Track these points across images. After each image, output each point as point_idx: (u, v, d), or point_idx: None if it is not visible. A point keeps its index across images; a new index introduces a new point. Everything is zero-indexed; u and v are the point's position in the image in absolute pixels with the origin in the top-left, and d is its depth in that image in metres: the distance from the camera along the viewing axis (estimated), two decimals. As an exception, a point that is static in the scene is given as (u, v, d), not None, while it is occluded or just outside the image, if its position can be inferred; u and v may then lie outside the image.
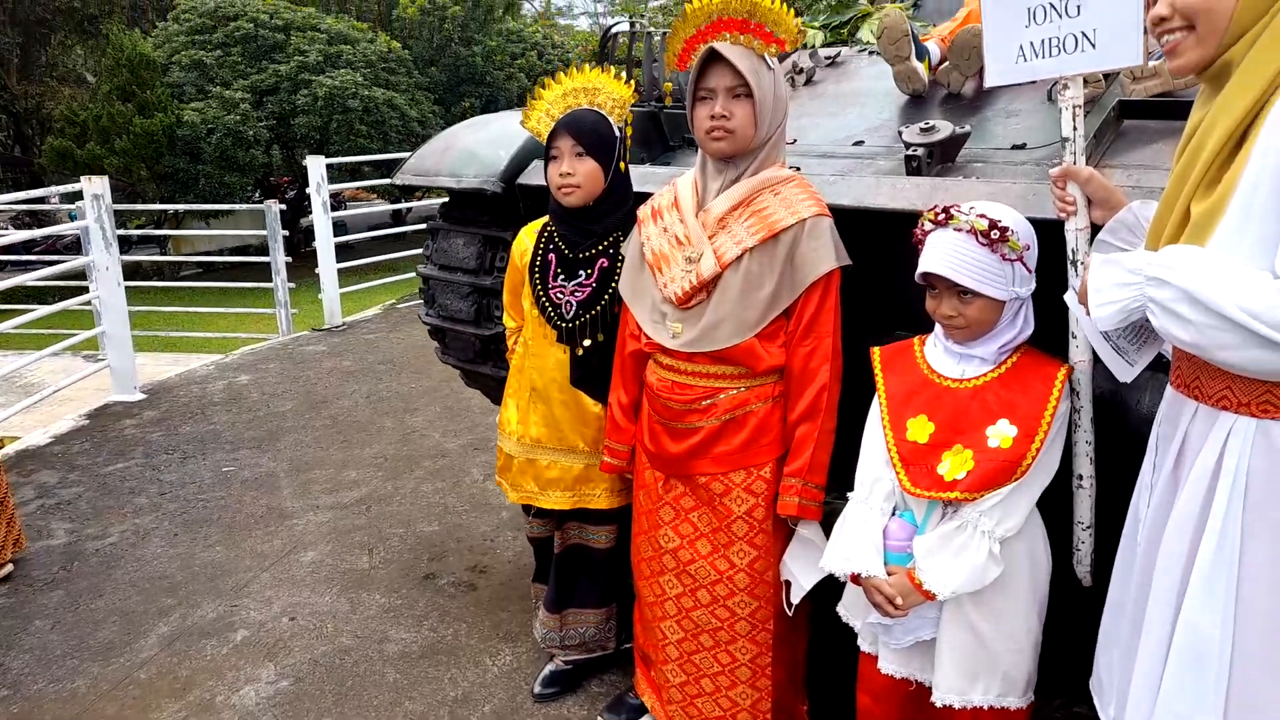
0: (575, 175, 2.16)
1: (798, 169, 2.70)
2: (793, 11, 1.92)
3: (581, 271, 2.25)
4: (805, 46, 3.51)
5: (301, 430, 4.82)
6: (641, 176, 2.46)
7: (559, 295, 2.27)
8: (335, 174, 13.72)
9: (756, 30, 1.92)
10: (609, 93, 2.25)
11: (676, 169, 2.56)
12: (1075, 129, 1.66)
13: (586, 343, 2.26)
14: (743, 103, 1.90)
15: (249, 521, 3.74)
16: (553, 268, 2.29)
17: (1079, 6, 1.58)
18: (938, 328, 1.81)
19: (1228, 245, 1.23)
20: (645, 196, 2.23)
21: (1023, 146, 2.41)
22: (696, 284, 1.95)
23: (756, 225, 1.93)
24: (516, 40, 16.07)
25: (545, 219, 2.37)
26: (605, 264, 2.24)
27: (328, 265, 7.06)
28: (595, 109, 2.23)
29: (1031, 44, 1.66)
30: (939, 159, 2.43)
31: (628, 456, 2.24)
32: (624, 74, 3.15)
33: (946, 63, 2.74)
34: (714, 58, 1.91)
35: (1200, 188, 1.31)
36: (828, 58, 3.29)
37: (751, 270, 1.92)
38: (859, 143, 2.75)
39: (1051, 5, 1.61)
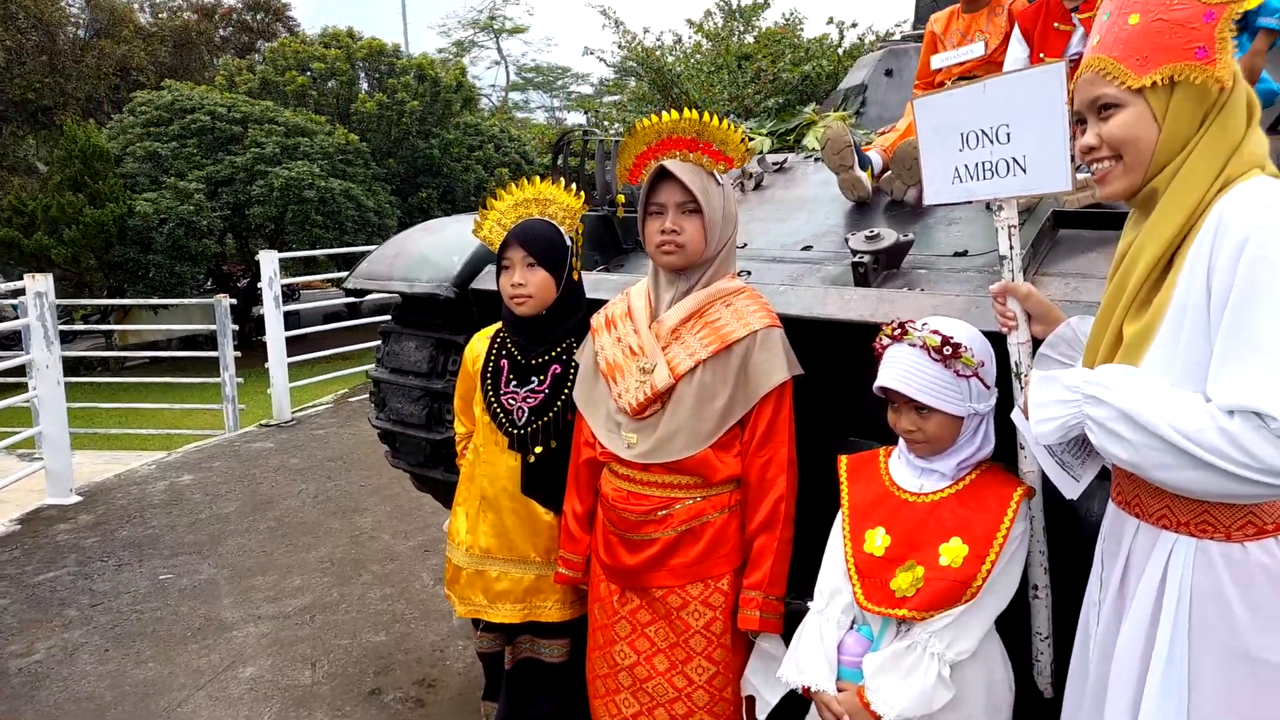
0: (527, 285, 2.17)
1: (748, 273, 2.76)
2: (740, 130, 1.98)
3: (534, 378, 2.24)
4: (754, 153, 3.62)
5: (245, 533, 4.65)
6: (594, 283, 2.48)
7: (511, 401, 2.25)
8: (290, 265, 13.68)
9: (705, 148, 1.97)
10: (560, 203, 2.28)
11: (629, 276, 2.59)
12: (1012, 247, 1.72)
13: (538, 450, 2.23)
14: (692, 218, 1.93)
15: (185, 634, 3.56)
16: (505, 374, 2.28)
17: (1009, 134, 1.65)
18: (901, 440, 1.82)
19: (1159, 367, 1.28)
20: (599, 303, 2.24)
21: (964, 254, 2.48)
22: (651, 395, 1.95)
23: (709, 337, 1.94)
24: (474, 133, 16.37)
25: (499, 325, 2.36)
26: (558, 370, 2.23)
27: (278, 360, 6.96)
28: (547, 219, 2.26)
29: (966, 167, 1.72)
30: (885, 265, 2.50)
31: (582, 567, 2.19)
32: (576, 180, 3.21)
33: (889, 172, 2.84)
34: (664, 174, 1.95)
35: (1132, 309, 1.36)
36: (776, 163, 3.39)
37: (705, 382, 1.93)
38: (807, 247, 2.81)
39: (983, 131, 1.68)
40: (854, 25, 12.37)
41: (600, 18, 12.67)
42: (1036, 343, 1.70)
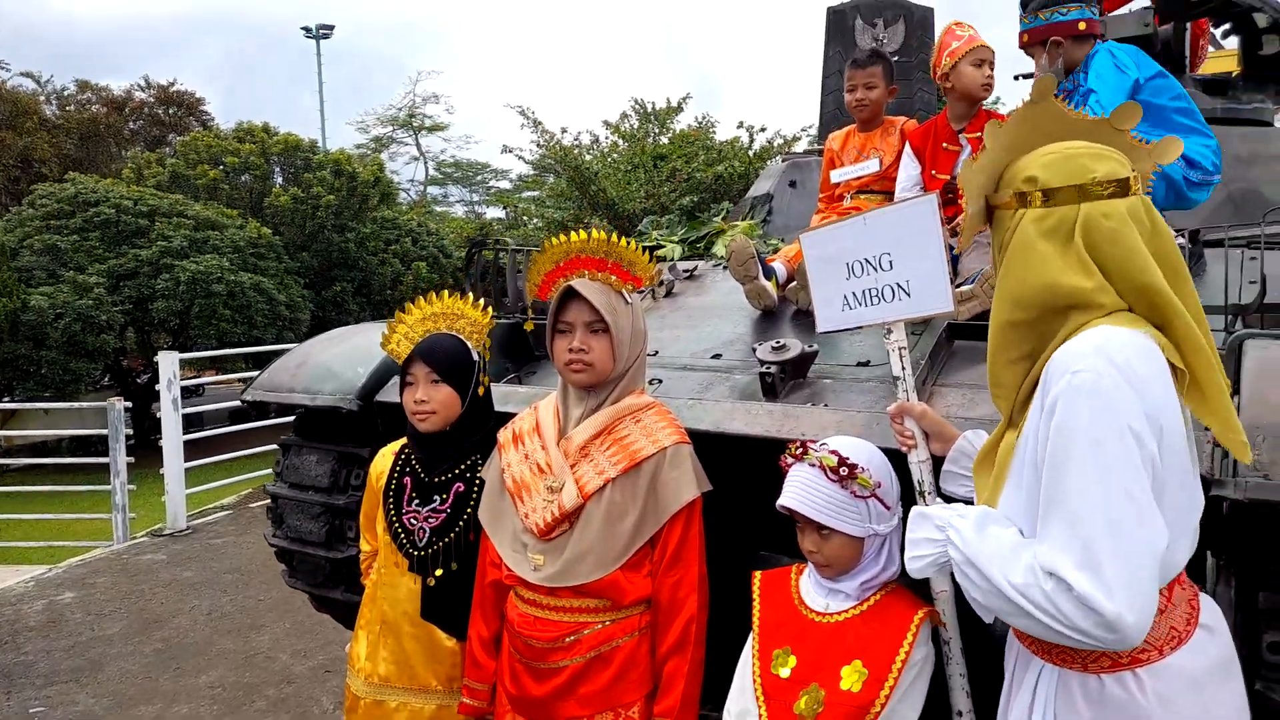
0: (430, 402, 2.13)
1: (660, 381, 2.77)
2: (648, 254, 2.01)
3: (436, 496, 2.17)
4: (665, 260, 3.69)
5: (128, 657, 4.32)
6: (503, 395, 2.45)
7: (412, 521, 2.17)
8: (195, 360, 13.19)
9: (613, 268, 1.99)
10: (469, 318, 2.26)
11: (539, 388, 2.57)
12: (904, 368, 1.77)
13: (439, 572, 2.15)
14: (600, 337, 1.94)
15: (54, 777, 3.25)
16: (407, 492, 2.20)
17: (891, 262, 1.71)
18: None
19: (1010, 503, 1.35)
20: (507, 416, 2.20)
21: (867, 364, 2.54)
22: (558, 515, 1.91)
23: (618, 454, 1.92)
24: (391, 227, 16.33)
25: (405, 440, 2.30)
26: (461, 489, 2.17)
27: (174, 468, 6.63)
28: (454, 334, 2.23)
29: (855, 294, 1.78)
30: (791, 375, 2.54)
31: (488, 696, 2.09)
32: (489, 286, 3.21)
33: (794, 282, 2.92)
34: (572, 293, 1.96)
35: (1004, 433, 1.42)
36: (686, 271, 3.46)
37: (614, 500, 1.90)
38: (717, 355, 2.85)
39: (867, 260, 1.74)
40: (763, 129, 12.92)
41: (519, 117, 12.90)
42: (938, 460, 1.73)
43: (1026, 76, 4.40)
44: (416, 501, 2.17)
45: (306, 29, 27.02)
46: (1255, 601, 1.54)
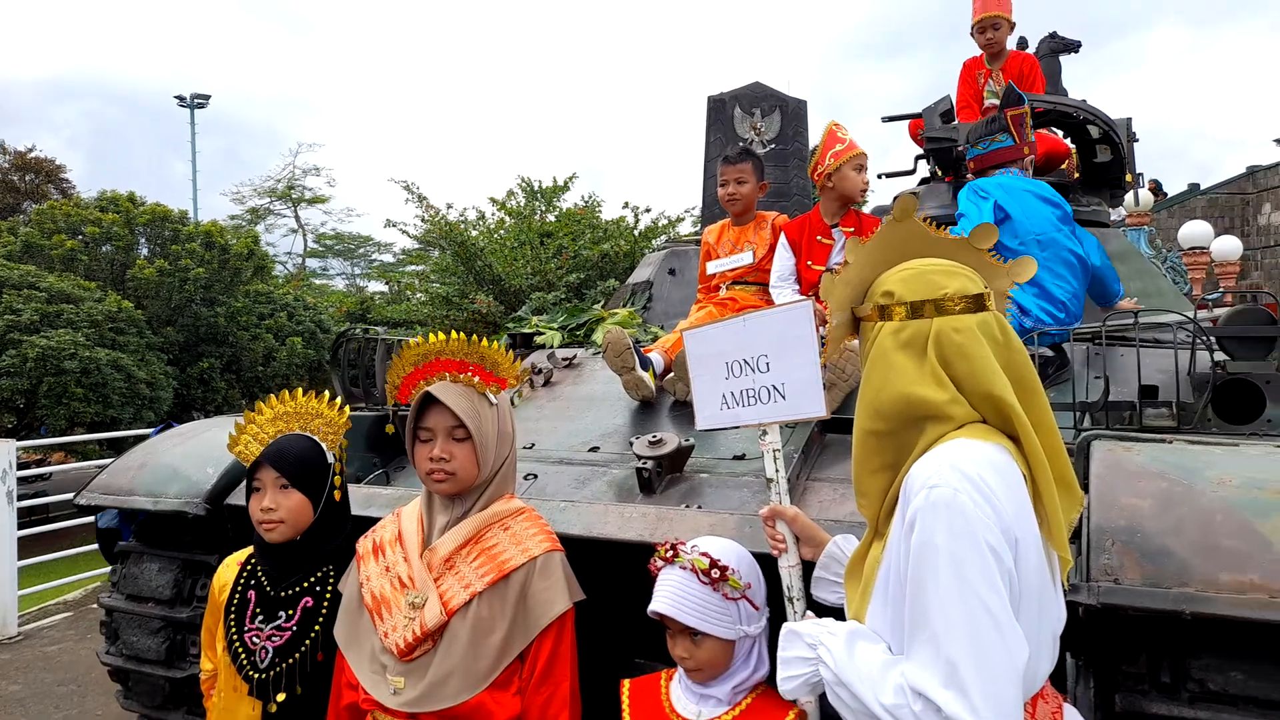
0: (278, 510, 1.98)
1: (535, 476, 2.69)
2: (512, 354, 1.95)
3: (282, 612, 2.00)
4: (544, 347, 3.65)
5: (-66, 792, 3.81)
6: (365, 498, 2.32)
7: (254, 640, 1.99)
8: (38, 445, 12.18)
9: (476, 370, 1.92)
10: (325, 418, 2.13)
11: (405, 490, 2.45)
12: (777, 470, 1.76)
13: (281, 697, 1.96)
14: (463, 443, 1.85)
15: None
16: (251, 607, 2.03)
17: (768, 364, 1.72)
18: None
19: (877, 618, 1.34)
20: (370, 522, 2.08)
21: (742, 457, 2.55)
22: (420, 634, 1.78)
23: (486, 566, 1.83)
24: (265, 301, 15.70)
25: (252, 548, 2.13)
26: (309, 603, 2.01)
27: (5, 568, 6.00)
28: (308, 435, 2.10)
29: (733, 393, 1.78)
30: (668, 470, 2.52)
31: (343, 833, 1.91)
32: (355, 378, 3.08)
33: (672, 373, 2.92)
34: (433, 398, 1.87)
35: (871, 542, 1.41)
36: (565, 359, 3.42)
37: (481, 615, 1.79)
38: (595, 449, 2.80)
39: (745, 361, 1.75)
40: (647, 210, 13.19)
41: (403, 192, 12.75)
42: (808, 565, 1.72)
43: (891, 175, 4.65)
44: (260, 618, 2.00)
45: (180, 98, 26.19)
46: (1113, 704, 1.57)
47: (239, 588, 2.06)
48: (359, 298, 18.58)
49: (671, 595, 1.68)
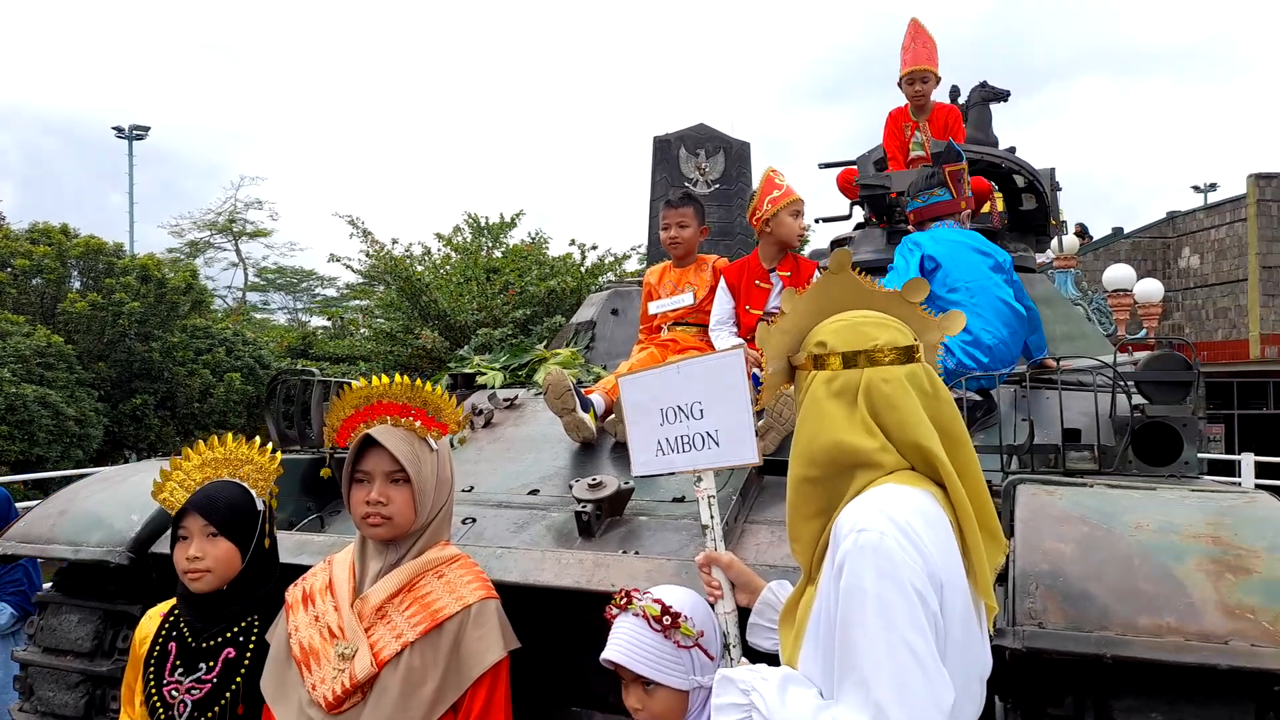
0: (205, 559, 1.92)
1: (473, 520, 2.66)
2: (454, 399, 1.94)
3: (203, 663, 1.93)
4: (485, 388, 3.63)
5: None
6: (297, 545, 2.27)
7: (173, 693, 1.92)
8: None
9: (418, 414, 1.90)
10: (255, 464, 2.08)
11: (338, 537, 2.39)
12: (713, 517, 1.77)
13: (198, 753, 1.90)
14: (401, 488, 1.83)
15: None
16: (171, 659, 1.96)
17: (702, 410, 1.74)
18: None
19: (809, 661, 1.35)
20: (299, 570, 2.03)
21: (682, 500, 2.56)
22: (349, 686, 1.74)
23: (418, 615, 1.79)
24: (203, 336, 15.33)
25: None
26: (231, 654, 1.94)
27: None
28: (236, 481, 2.04)
29: (668, 439, 1.80)
30: (607, 513, 2.51)
31: None
32: (291, 419, 3.02)
33: (613, 415, 2.92)
34: (371, 441, 1.85)
35: (805, 588, 1.43)
36: (506, 400, 3.41)
37: (413, 666, 1.76)
38: (534, 491, 2.79)
39: (680, 408, 1.77)
40: (594, 247, 13.27)
41: (348, 226, 12.62)
42: (744, 612, 1.73)
43: (828, 220, 4.77)
44: (180, 670, 1.93)
45: (118, 129, 25.63)
46: (1040, 745, 1.60)
47: (160, 640, 1.99)
48: (301, 333, 18.24)
49: (623, 643, 1.66)
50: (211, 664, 1.93)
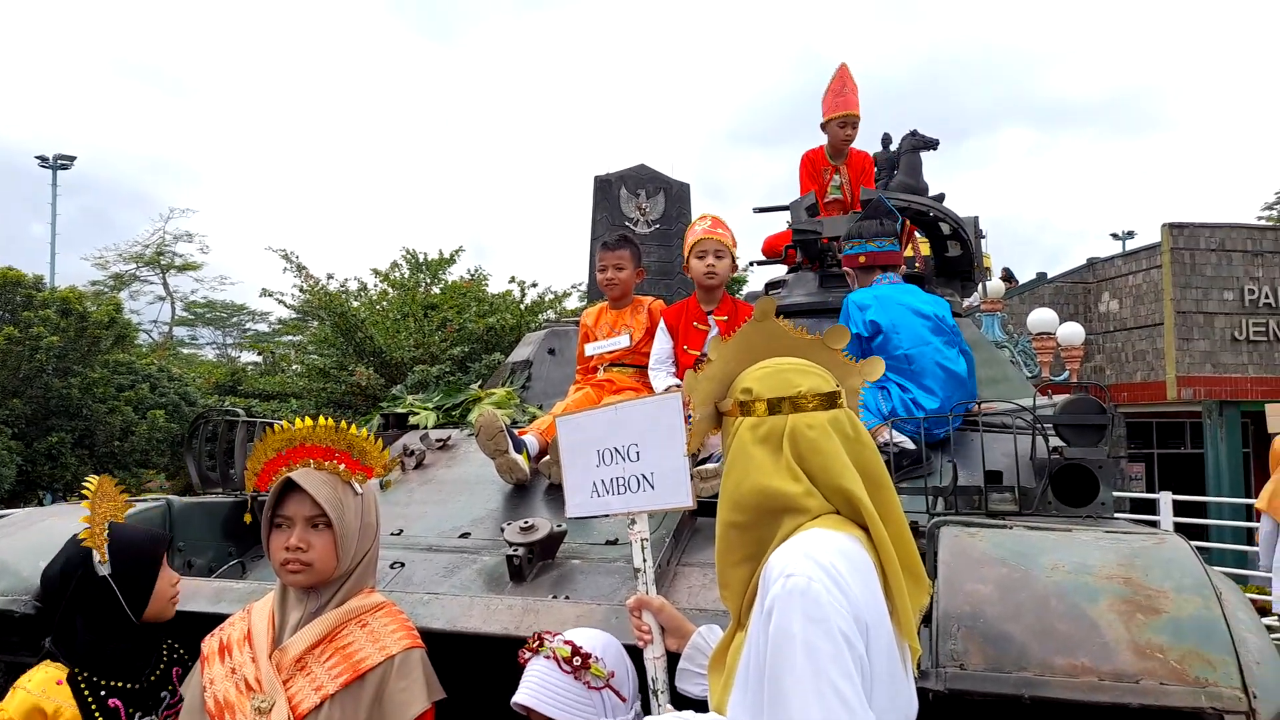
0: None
1: (402, 564, 2.61)
2: (379, 442, 1.91)
3: (163, 693, 1.87)
4: (418, 428, 3.58)
5: None
6: (214, 593, 2.19)
7: None
8: None
9: (343, 457, 1.86)
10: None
11: (258, 583, 2.32)
12: (645, 560, 1.77)
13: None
14: (322, 533, 1.78)
15: None
16: (122, 713, 1.88)
17: (638, 453, 1.75)
18: None
19: (738, 703, 1.35)
20: (216, 619, 1.96)
21: (615, 542, 2.54)
22: (265, 741, 1.68)
23: (339, 665, 1.74)
24: (126, 372, 14.82)
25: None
26: (179, 671, 1.89)
27: None
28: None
29: (604, 481, 1.80)
30: (539, 556, 2.49)
31: None
32: (214, 461, 2.93)
33: (547, 456, 2.90)
34: (292, 485, 1.81)
35: (735, 634, 1.43)
36: (439, 440, 3.36)
37: (333, 719, 1.70)
38: (465, 535, 2.75)
39: (616, 450, 1.77)
40: (534, 285, 13.24)
41: (281, 260, 12.37)
42: (674, 656, 1.72)
43: (762, 263, 4.86)
44: (138, 714, 1.87)
45: (42, 158, 24.80)
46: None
47: (91, 706, 1.90)
48: (230, 368, 17.74)
49: (533, 686, 1.66)
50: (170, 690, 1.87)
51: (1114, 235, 28.14)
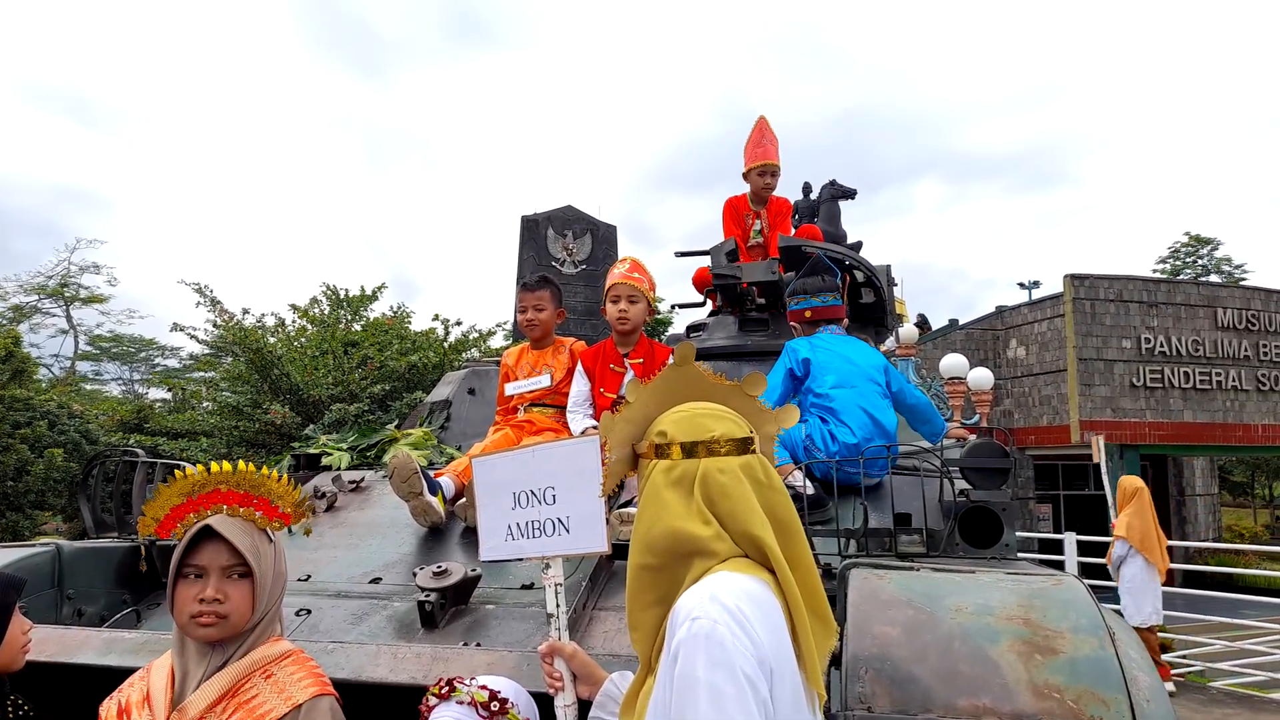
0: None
1: (309, 611, 2.52)
2: (297, 488, 1.85)
3: None
4: (330, 469, 3.49)
5: None
6: (104, 645, 2.07)
7: None
8: None
9: (260, 504, 1.79)
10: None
11: (152, 633, 2.20)
12: (558, 605, 1.75)
13: None
14: (240, 583, 1.70)
15: None
16: None
17: (554, 495, 1.74)
18: None
19: None
20: (104, 673, 1.85)
21: (531, 586, 2.51)
22: (154, 807, 1.58)
23: (241, 721, 1.66)
24: (23, 408, 14.05)
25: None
26: None
27: None
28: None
29: (519, 524, 1.78)
30: (453, 601, 2.44)
31: None
32: (111, 504, 2.80)
33: (463, 499, 2.86)
34: (209, 532, 1.72)
35: (645, 678, 1.43)
36: (352, 482, 3.28)
37: (231, 780, 1.62)
38: (376, 580, 2.68)
39: (532, 492, 1.75)
40: (458, 323, 13.12)
41: (194, 294, 11.95)
42: (585, 704, 1.70)
43: (684, 306, 4.92)
44: None
45: (-64, 182, 23.60)
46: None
47: None
48: (136, 405, 16.97)
49: None
50: None
51: (1021, 284, 29.33)
